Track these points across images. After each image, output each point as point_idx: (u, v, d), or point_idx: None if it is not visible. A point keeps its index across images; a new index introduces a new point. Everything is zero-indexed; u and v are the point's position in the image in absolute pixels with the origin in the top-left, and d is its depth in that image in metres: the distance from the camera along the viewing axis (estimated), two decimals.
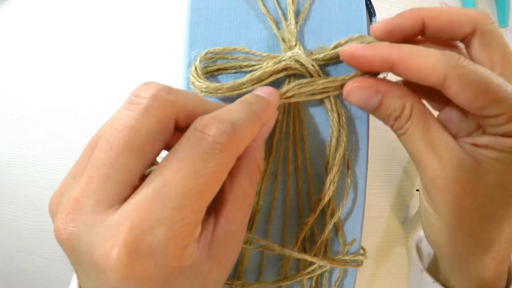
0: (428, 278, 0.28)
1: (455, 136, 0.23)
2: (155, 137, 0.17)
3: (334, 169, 0.24)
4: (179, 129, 0.18)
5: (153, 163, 0.18)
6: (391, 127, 0.24)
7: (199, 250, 0.17)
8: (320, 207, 0.24)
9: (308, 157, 0.26)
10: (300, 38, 0.26)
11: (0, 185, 0.61)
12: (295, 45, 0.25)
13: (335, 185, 0.24)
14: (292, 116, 0.25)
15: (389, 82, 0.24)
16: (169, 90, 0.18)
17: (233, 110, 0.19)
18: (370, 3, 0.30)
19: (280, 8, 0.26)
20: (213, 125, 0.17)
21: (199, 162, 0.16)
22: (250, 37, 0.26)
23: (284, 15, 0.26)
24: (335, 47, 0.24)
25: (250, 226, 0.25)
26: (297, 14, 0.26)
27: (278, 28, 0.26)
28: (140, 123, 0.17)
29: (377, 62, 0.23)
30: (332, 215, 0.25)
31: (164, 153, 0.18)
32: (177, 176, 0.16)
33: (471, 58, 0.23)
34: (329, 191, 0.24)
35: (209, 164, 0.16)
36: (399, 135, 0.24)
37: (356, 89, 0.23)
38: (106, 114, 0.19)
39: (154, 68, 0.59)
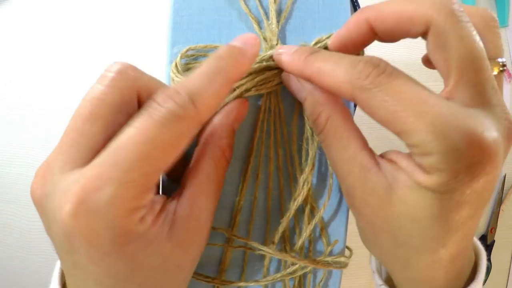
0: (378, 280, 0.27)
1: None
2: (118, 108, 0.18)
3: (307, 169, 0.24)
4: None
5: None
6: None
7: (156, 226, 0.18)
8: (295, 207, 0.24)
9: (289, 156, 0.25)
10: (282, 37, 0.26)
11: (0, 185, 0.62)
12: (277, 44, 0.25)
13: (309, 184, 0.24)
14: (273, 115, 0.25)
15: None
16: (134, 68, 0.20)
17: (196, 77, 0.19)
18: None
19: (262, 7, 0.26)
20: (170, 98, 0.18)
21: (154, 129, 0.17)
22: (232, 36, 0.25)
23: (266, 14, 0.26)
24: (316, 43, 0.24)
25: (231, 225, 0.25)
26: (279, 13, 0.26)
27: (260, 28, 0.26)
28: (104, 93, 0.18)
29: (298, 75, 0.22)
30: (313, 215, 0.25)
31: None
32: (132, 141, 0.17)
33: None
34: (303, 190, 0.24)
35: (165, 132, 0.17)
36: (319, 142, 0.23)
37: (286, 76, 0.24)
38: None
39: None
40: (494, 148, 0.17)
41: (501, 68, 0.23)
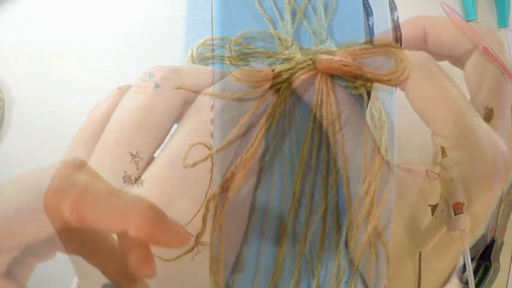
0: None
1: None
2: (168, 115, 0.18)
3: (371, 178, 0.23)
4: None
5: None
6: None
7: None
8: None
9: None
10: (296, 39, 0.26)
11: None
12: (292, 45, 0.25)
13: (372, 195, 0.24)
14: (288, 116, 0.25)
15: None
16: (176, 71, 0.19)
17: None
18: (368, 2, 0.30)
19: (277, 8, 0.26)
20: None
21: None
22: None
23: (281, 15, 0.26)
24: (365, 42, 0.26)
25: (246, 225, 0.25)
26: (293, 14, 0.26)
27: (275, 28, 0.26)
28: (152, 102, 0.18)
29: None
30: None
31: None
32: None
33: None
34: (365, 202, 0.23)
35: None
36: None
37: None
38: None
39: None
40: None
41: None
